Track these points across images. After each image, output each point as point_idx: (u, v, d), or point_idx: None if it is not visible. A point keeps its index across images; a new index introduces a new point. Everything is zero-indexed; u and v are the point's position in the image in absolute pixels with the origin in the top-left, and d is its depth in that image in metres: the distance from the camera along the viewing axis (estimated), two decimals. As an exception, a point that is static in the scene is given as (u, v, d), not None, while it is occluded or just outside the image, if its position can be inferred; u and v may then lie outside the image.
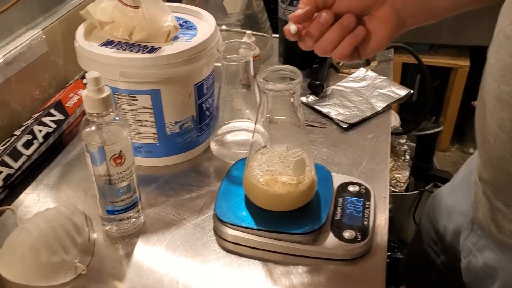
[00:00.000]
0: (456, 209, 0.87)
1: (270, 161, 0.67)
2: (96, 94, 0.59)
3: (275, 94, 0.61)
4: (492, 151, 0.65)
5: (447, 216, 0.90)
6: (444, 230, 0.91)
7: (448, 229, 0.89)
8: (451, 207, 0.90)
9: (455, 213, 0.87)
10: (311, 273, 0.64)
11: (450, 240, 0.88)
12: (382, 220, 0.72)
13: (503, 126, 0.61)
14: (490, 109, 0.63)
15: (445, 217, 0.91)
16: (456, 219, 0.85)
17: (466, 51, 2.16)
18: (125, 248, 0.69)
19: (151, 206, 0.75)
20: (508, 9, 0.59)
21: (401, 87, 1.03)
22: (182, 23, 0.81)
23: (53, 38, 0.95)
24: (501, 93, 0.60)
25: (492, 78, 0.62)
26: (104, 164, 0.63)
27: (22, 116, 0.88)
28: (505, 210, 0.67)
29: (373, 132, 0.91)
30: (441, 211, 0.94)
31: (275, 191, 0.66)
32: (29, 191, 0.79)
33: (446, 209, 0.92)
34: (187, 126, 0.80)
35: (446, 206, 0.92)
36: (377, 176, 0.80)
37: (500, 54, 0.60)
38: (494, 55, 0.63)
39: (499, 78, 0.60)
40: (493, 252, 0.73)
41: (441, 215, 0.94)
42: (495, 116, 0.62)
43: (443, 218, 0.92)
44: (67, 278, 0.63)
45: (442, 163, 2.26)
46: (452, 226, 0.87)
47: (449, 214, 0.90)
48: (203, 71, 0.78)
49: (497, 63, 0.61)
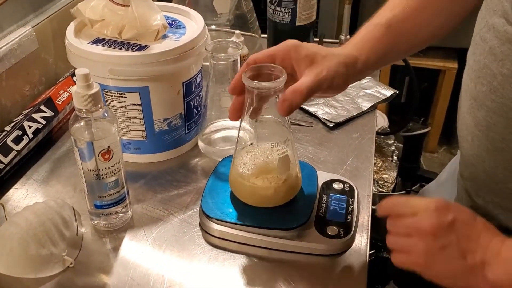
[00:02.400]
0: None
1: (256, 158, 0.68)
2: (85, 90, 0.60)
3: (260, 93, 0.62)
4: (470, 149, 0.67)
5: None
6: None
7: None
8: None
9: None
10: (294, 268, 0.65)
11: None
12: (365, 217, 0.74)
13: (479, 125, 0.63)
14: (468, 109, 0.65)
15: None
16: None
17: (454, 53, 2.19)
18: (112, 242, 0.70)
19: (139, 202, 0.76)
20: (484, 13, 0.62)
21: (387, 87, 1.05)
22: (171, 22, 0.83)
23: (43, 35, 0.96)
24: (477, 93, 0.62)
25: (470, 79, 0.64)
26: (93, 159, 0.64)
27: (12, 112, 0.89)
28: (485, 206, 0.69)
29: (358, 132, 0.92)
30: None
31: (260, 187, 0.67)
32: (18, 186, 0.80)
33: None
34: (175, 124, 0.81)
35: None
36: (361, 174, 0.82)
37: (476, 55, 0.62)
38: (471, 56, 0.65)
39: (475, 79, 0.62)
40: None
41: None
42: (472, 115, 0.64)
43: None
44: (55, 271, 0.64)
45: (430, 164, 2.29)
46: None
47: None
48: (191, 70, 0.79)
49: (473, 64, 0.63)
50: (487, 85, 0.61)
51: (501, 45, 0.58)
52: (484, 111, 0.62)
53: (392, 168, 1.76)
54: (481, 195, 0.69)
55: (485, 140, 0.63)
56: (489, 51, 0.60)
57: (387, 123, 1.91)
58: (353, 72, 0.64)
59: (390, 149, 1.78)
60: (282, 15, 1.06)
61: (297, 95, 0.58)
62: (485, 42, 0.60)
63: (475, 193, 0.71)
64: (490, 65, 0.60)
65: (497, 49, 0.59)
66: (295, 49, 0.62)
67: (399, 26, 0.68)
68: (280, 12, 1.06)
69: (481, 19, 0.62)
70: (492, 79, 0.60)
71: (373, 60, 0.66)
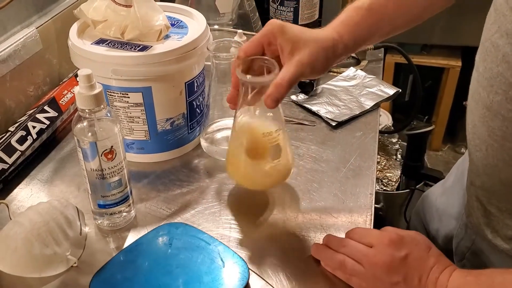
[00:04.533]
0: (448, 212, 0.87)
1: None
2: (88, 91, 0.61)
3: (254, 86, 0.64)
4: (484, 159, 0.65)
5: (439, 219, 0.90)
6: (436, 233, 0.91)
7: (440, 232, 0.89)
8: (442, 210, 0.90)
9: (447, 216, 0.87)
10: None
11: (442, 243, 0.88)
12: (368, 216, 0.74)
13: (494, 135, 0.61)
14: (480, 118, 0.63)
15: (436, 220, 0.91)
16: (449, 222, 0.86)
17: (458, 51, 2.18)
18: (116, 242, 0.70)
19: (142, 201, 0.77)
20: (494, 17, 0.59)
21: (390, 86, 1.05)
22: (173, 22, 0.83)
23: (47, 36, 0.96)
24: (491, 103, 0.60)
25: (481, 87, 0.62)
26: (96, 159, 0.64)
27: (17, 113, 0.90)
28: (499, 215, 0.68)
29: (361, 130, 0.92)
30: (431, 213, 0.94)
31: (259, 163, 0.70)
32: (22, 186, 0.80)
33: (437, 212, 0.92)
34: (178, 123, 0.82)
35: (437, 209, 0.92)
36: (364, 173, 0.82)
37: (487, 62, 0.60)
38: (481, 63, 0.62)
39: (488, 87, 0.60)
40: (488, 256, 0.73)
41: (432, 217, 0.94)
42: (486, 125, 0.62)
43: (435, 221, 0.92)
44: (59, 270, 0.64)
45: (434, 163, 2.29)
46: (444, 229, 0.88)
47: (440, 217, 0.90)
48: (193, 69, 0.80)
49: (484, 72, 0.61)
50: (502, 95, 0.58)
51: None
52: (499, 120, 0.59)
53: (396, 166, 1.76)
54: (494, 203, 0.68)
55: (501, 150, 0.61)
56: (503, 58, 0.57)
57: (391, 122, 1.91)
58: (333, 56, 0.65)
59: (394, 147, 1.78)
60: (285, 14, 1.07)
61: (280, 89, 0.61)
62: (498, 48, 0.58)
63: (487, 201, 0.69)
64: (505, 73, 0.57)
65: (511, 57, 0.56)
66: (280, 31, 0.63)
67: (381, 9, 0.68)
68: (283, 11, 1.06)
69: (492, 24, 0.59)
70: (508, 88, 0.57)
71: (352, 43, 0.67)
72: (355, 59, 1.16)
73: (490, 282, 0.56)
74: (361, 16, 0.67)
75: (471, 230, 0.76)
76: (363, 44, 0.70)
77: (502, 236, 0.69)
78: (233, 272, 0.63)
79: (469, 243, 0.77)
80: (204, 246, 0.66)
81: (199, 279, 0.62)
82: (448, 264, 0.60)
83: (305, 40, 0.63)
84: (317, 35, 0.64)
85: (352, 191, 0.78)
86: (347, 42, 0.66)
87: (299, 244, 0.69)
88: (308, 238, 0.70)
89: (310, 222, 0.73)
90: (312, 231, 0.71)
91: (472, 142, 0.68)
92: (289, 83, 0.61)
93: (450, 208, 0.87)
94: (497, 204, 0.68)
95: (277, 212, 0.75)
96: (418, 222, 1.01)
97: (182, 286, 0.61)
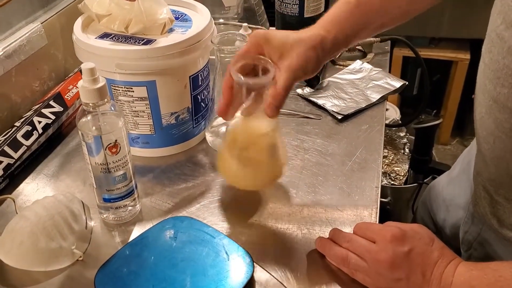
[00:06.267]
0: (454, 202, 0.87)
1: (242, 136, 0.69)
2: (91, 85, 0.61)
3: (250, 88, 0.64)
4: (492, 151, 0.65)
5: (446, 209, 0.90)
6: (443, 223, 0.91)
7: (447, 222, 0.89)
8: (449, 200, 0.90)
9: (454, 206, 0.87)
10: None
11: (450, 233, 0.88)
12: (374, 209, 0.73)
13: (502, 127, 0.61)
14: (487, 110, 0.63)
15: (443, 210, 0.91)
16: (456, 212, 0.85)
17: (466, 44, 2.16)
18: (121, 236, 0.70)
19: (147, 195, 0.77)
20: (499, 7, 0.58)
21: (397, 78, 1.04)
22: (177, 15, 0.83)
23: (52, 31, 0.96)
24: (498, 95, 0.59)
25: (488, 80, 0.61)
26: (101, 153, 0.64)
27: (22, 108, 0.90)
28: (506, 204, 0.67)
29: (367, 123, 0.92)
30: (438, 203, 0.94)
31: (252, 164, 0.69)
32: (29, 181, 0.80)
33: (444, 202, 0.92)
34: (183, 118, 0.81)
35: (444, 199, 0.92)
36: (370, 166, 0.81)
37: (493, 54, 0.59)
38: (487, 54, 0.61)
39: (494, 79, 0.59)
40: (494, 246, 0.73)
41: (439, 207, 0.94)
42: (493, 117, 0.62)
43: (441, 210, 0.92)
44: (65, 264, 0.65)
45: (443, 157, 2.27)
46: (451, 219, 0.87)
47: (447, 207, 0.90)
48: (198, 63, 0.79)
49: (490, 63, 0.60)
50: (508, 87, 0.58)
51: None
52: (506, 113, 0.59)
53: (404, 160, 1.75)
54: (501, 193, 0.67)
55: (508, 142, 0.61)
56: (508, 50, 0.56)
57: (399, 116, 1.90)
58: (323, 53, 0.65)
59: (402, 141, 1.77)
60: (290, 7, 1.06)
61: (278, 97, 0.62)
62: (503, 40, 0.57)
63: (495, 191, 0.69)
64: (511, 65, 0.57)
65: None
66: (265, 41, 0.64)
67: (369, 3, 0.67)
68: (288, 4, 1.06)
69: (497, 15, 0.58)
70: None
71: (342, 39, 0.66)
72: (362, 52, 1.15)
73: (496, 276, 0.56)
74: (349, 10, 0.66)
75: (478, 219, 0.76)
76: (354, 39, 0.69)
77: (508, 225, 0.68)
78: (238, 265, 0.63)
79: (476, 233, 0.76)
80: (209, 239, 0.66)
81: (204, 272, 0.62)
82: (453, 257, 0.60)
83: (291, 44, 0.63)
84: (302, 36, 0.64)
85: (357, 185, 0.78)
86: (337, 36, 0.65)
87: (304, 238, 0.69)
88: (313, 231, 0.70)
89: (315, 216, 0.72)
90: (317, 224, 0.71)
91: (480, 133, 0.67)
92: (285, 90, 0.62)
93: (457, 198, 0.86)
94: (504, 194, 0.67)
95: (282, 205, 0.74)
96: (424, 212, 1.01)
97: (187, 279, 0.61)
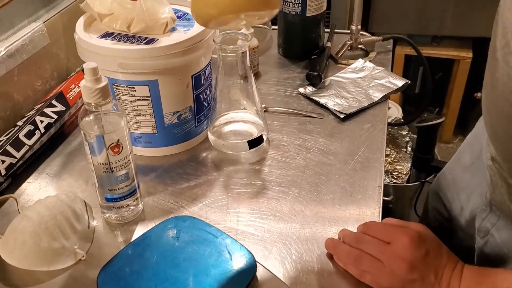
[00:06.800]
0: (473, 190, 0.87)
1: None
2: (94, 84, 0.61)
3: None
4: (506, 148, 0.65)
5: (466, 198, 0.90)
6: (460, 211, 0.91)
7: (465, 210, 0.89)
8: (465, 188, 0.90)
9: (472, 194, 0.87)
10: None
11: (466, 222, 0.89)
12: (376, 208, 0.73)
13: None
14: None
15: (461, 199, 0.91)
16: (475, 200, 0.86)
17: (468, 42, 2.16)
18: (124, 235, 0.70)
19: (150, 195, 0.77)
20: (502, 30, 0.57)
21: (399, 77, 1.04)
22: (180, 14, 0.83)
23: (54, 30, 0.96)
24: None
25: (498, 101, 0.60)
26: (103, 153, 0.64)
27: (25, 107, 0.90)
28: None
29: (369, 122, 0.92)
30: (455, 192, 0.94)
31: None
32: (31, 180, 0.80)
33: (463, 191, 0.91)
34: (185, 117, 0.81)
35: (461, 188, 0.92)
36: (372, 165, 0.81)
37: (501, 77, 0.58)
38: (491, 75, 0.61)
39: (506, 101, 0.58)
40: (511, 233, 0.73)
41: (455, 196, 0.94)
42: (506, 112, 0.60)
43: (459, 199, 0.92)
44: (67, 264, 0.65)
45: (445, 155, 2.26)
46: (469, 207, 0.88)
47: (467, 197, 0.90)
48: (200, 62, 0.79)
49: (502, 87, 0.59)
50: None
51: None
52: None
53: (406, 159, 1.74)
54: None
55: None
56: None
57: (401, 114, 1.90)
58: None
59: (404, 140, 1.77)
60: (292, 6, 1.06)
61: None
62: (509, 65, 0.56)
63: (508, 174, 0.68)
64: None
65: None
66: None
67: None
68: (290, 3, 1.05)
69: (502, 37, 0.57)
70: None
71: None
72: (364, 50, 1.15)
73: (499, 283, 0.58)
74: None
75: (496, 207, 0.76)
76: None
77: None
78: (240, 265, 0.63)
79: (495, 219, 0.77)
80: (212, 239, 0.66)
81: (206, 272, 0.62)
82: (457, 261, 0.62)
83: None
84: None
85: (360, 184, 0.77)
86: None
87: (306, 237, 0.69)
88: (315, 230, 0.70)
89: (318, 215, 0.72)
90: (320, 223, 0.71)
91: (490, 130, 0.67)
92: None
93: (473, 185, 0.86)
94: None
95: (285, 204, 0.74)
96: (437, 201, 1.01)
97: (189, 278, 0.61)
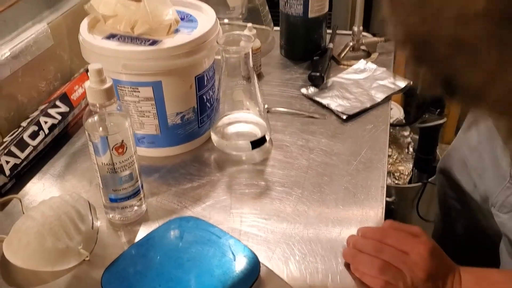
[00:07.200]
0: (481, 169, 0.88)
1: None
2: (98, 85, 0.61)
3: None
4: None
5: (478, 177, 0.91)
6: (473, 189, 0.92)
7: (479, 188, 0.90)
8: (474, 167, 0.91)
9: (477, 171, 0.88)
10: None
11: (480, 200, 0.90)
12: (379, 209, 0.74)
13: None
14: None
15: (474, 178, 0.92)
16: (488, 179, 0.86)
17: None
18: (127, 236, 0.71)
19: (153, 195, 0.77)
20: None
21: (401, 78, 1.04)
22: (183, 16, 0.83)
23: (58, 32, 0.97)
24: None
25: None
26: (107, 153, 0.65)
27: (29, 108, 0.90)
28: None
29: (372, 123, 0.92)
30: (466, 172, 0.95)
31: None
32: (35, 181, 0.81)
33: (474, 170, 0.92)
34: (188, 118, 0.82)
35: (472, 168, 0.93)
36: (375, 166, 0.81)
37: None
38: None
39: None
40: None
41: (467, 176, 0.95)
42: None
43: (471, 178, 0.93)
44: (71, 264, 0.65)
45: (447, 156, 2.27)
46: (483, 185, 0.88)
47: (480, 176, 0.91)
48: (203, 63, 0.80)
49: None
50: None
51: None
52: None
53: (408, 160, 1.75)
54: None
55: None
56: None
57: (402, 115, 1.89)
58: None
59: (406, 140, 1.77)
60: (295, 7, 1.06)
61: None
62: None
63: None
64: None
65: None
66: None
67: None
68: (293, 5, 1.06)
69: None
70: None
71: None
72: (366, 51, 1.15)
73: None
74: None
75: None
76: None
77: None
78: (244, 265, 0.63)
79: None
80: (215, 239, 0.66)
81: (210, 272, 0.62)
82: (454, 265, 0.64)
83: None
84: None
85: (363, 184, 0.78)
86: None
87: (310, 238, 0.69)
88: (319, 231, 0.70)
89: (321, 215, 0.72)
90: (324, 224, 0.71)
91: None
92: None
93: (486, 166, 0.87)
94: None
95: (288, 205, 0.74)
96: (447, 179, 1.01)
97: (193, 279, 0.61)
